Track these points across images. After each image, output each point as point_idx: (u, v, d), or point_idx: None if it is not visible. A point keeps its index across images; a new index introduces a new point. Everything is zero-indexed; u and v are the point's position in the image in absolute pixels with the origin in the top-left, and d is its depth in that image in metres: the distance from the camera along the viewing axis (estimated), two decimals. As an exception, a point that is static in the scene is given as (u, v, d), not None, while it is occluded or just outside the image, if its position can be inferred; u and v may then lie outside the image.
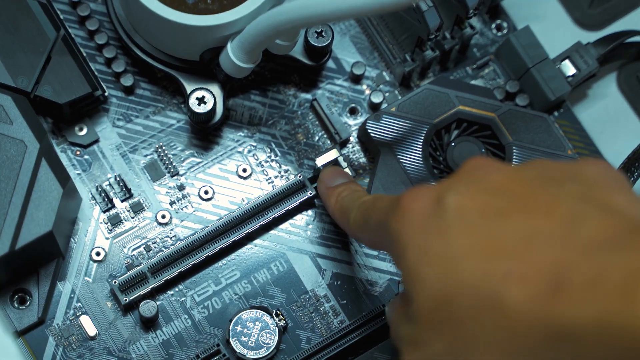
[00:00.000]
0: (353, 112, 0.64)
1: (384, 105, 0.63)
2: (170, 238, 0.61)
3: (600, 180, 0.44)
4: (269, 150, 0.62)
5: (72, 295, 0.59)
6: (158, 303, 0.59)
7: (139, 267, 0.59)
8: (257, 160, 0.62)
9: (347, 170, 0.60)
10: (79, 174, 0.61)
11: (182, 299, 0.60)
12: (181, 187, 0.62)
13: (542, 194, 0.43)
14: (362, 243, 0.57)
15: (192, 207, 0.61)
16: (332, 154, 0.60)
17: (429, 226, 0.44)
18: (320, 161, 0.60)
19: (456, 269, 0.42)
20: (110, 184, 0.61)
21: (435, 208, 0.44)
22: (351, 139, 0.63)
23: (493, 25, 0.65)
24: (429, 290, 0.43)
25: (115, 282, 0.58)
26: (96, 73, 0.61)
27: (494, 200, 0.43)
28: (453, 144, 0.61)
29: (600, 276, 0.39)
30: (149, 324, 0.59)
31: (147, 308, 0.58)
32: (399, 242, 0.45)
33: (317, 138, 0.63)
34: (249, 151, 0.62)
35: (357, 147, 0.63)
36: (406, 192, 0.46)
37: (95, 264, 0.60)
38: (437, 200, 0.44)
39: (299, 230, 0.62)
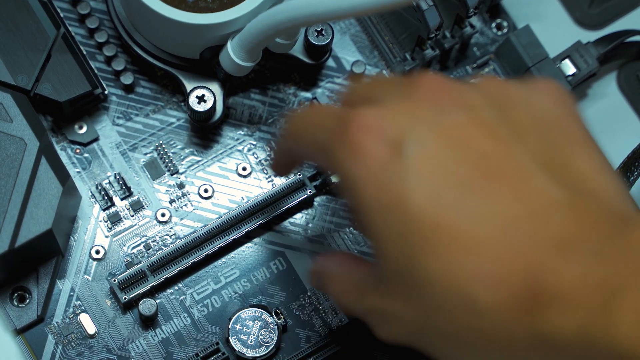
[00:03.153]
0: (353, 110, 0.64)
1: (384, 104, 0.63)
2: (170, 236, 0.61)
3: (560, 127, 0.43)
4: (269, 148, 0.62)
5: (72, 293, 0.59)
6: (157, 301, 0.59)
7: (139, 266, 0.59)
8: (257, 158, 0.62)
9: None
10: (78, 172, 0.61)
11: (182, 297, 0.60)
12: (181, 186, 0.62)
13: (508, 156, 0.41)
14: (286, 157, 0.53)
15: (192, 205, 0.61)
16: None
17: (388, 181, 0.41)
18: None
19: (421, 252, 0.41)
20: (109, 182, 0.61)
21: (394, 158, 0.42)
22: (351, 137, 0.63)
23: (493, 25, 0.65)
24: (393, 261, 0.42)
25: (114, 281, 0.58)
26: (96, 71, 0.61)
27: (459, 165, 0.41)
28: (453, 143, 0.61)
29: (579, 287, 0.39)
30: (149, 322, 0.59)
31: (147, 306, 0.58)
32: (355, 189, 0.43)
33: (317, 137, 0.63)
34: (249, 150, 0.62)
35: (357, 146, 0.63)
36: (352, 112, 0.43)
37: (95, 262, 0.60)
38: (395, 146, 0.42)
39: (299, 229, 0.61)
